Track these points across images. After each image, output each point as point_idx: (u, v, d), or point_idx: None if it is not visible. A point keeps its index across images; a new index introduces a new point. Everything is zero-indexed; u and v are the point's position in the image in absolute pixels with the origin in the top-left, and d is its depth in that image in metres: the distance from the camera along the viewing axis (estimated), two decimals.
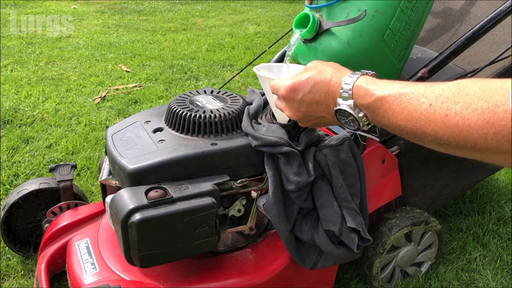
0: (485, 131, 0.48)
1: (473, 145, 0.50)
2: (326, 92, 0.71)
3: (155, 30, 4.67)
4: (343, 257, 1.12)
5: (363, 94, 0.64)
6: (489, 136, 0.48)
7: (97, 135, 2.33)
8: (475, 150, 0.51)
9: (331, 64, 0.74)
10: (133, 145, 1.10)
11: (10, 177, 1.91)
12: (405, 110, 0.58)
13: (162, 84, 3.11)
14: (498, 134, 0.47)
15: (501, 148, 0.47)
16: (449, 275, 1.51)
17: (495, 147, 0.48)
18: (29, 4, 5.38)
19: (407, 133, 0.59)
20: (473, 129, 0.49)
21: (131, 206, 0.92)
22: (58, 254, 1.28)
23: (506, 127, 0.46)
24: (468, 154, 0.53)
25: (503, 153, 0.48)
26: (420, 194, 1.47)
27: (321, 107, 0.73)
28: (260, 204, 1.12)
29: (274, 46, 3.63)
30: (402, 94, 0.59)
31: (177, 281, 1.09)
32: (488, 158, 0.51)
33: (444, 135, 0.53)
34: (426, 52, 1.52)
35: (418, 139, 0.58)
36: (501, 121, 0.47)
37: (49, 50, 3.74)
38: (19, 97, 2.73)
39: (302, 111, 0.77)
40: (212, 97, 1.24)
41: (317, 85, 0.72)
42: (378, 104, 0.62)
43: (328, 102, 0.71)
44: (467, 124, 0.50)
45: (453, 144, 0.53)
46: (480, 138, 0.49)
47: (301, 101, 0.75)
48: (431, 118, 0.54)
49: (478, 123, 0.49)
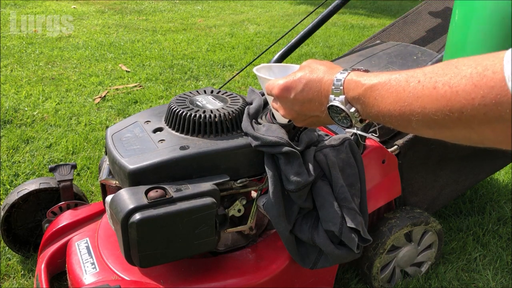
0: (472, 95, 0.47)
1: (459, 115, 0.48)
2: (319, 90, 0.71)
3: (155, 30, 4.67)
4: (343, 257, 1.12)
5: (353, 86, 0.64)
6: (476, 101, 0.46)
7: (97, 135, 2.33)
8: (461, 122, 0.49)
9: (324, 63, 0.75)
10: (133, 145, 1.10)
11: (10, 177, 1.91)
12: (393, 93, 0.57)
13: (162, 84, 3.11)
14: (485, 97, 0.45)
15: (488, 114, 0.46)
16: (449, 275, 1.51)
17: (482, 114, 0.46)
18: (29, 4, 5.38)
19: (395, 118, 0.58)
20: (460, 96, 0.48)
21: (131, 206, 0.92)
22: (58, 254, 1.28)
23: (494, 88, 0.45)
24: (455, 133, 0.52)
25: (490, 123, 0.46)
26: (420, 194, 1.47)
27: (314, 105, 0.73)
28: (260, 204, 1.12)
29: (274, 46, 3.63)
30: (392, 79, 0.58)
31: (177, 281, 1.09)
32: (475, 133, 0.49)
33: (432, 110, 0.52)
34: (426, 52, 1.52)
35: (406, 123, 0.57)
36: (489, 82, 0.45)
37: (49, 50, 3.74)
38: (19, 97, 2.73)
39: (296, 110, 0.77)
40: (212, 97, 1.24)
41: (309, 83, 0.72)
42: (368, 93, 0.62)
43: (321, 100, 0.71)
44: (455, 92, 0.49)
45: (439, 119, 0.51)
46: (467, 105, 0.47)
47: (294, 100, 0.75)
48: (419, 94, 0.53)
49: (466, 89, 0.47)
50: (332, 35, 4.74)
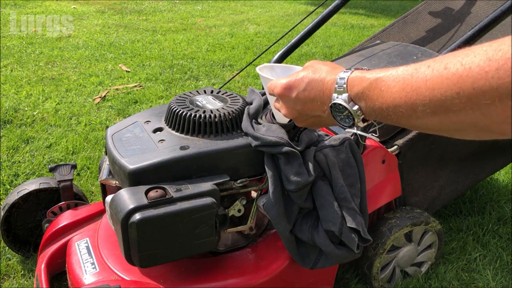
0: (486, 69, 0.46)
1: (470, 92, 0.48)
2: (321, 89, 0.71)
3: (155, 30, 4.67)
4: (343, 257, 1.12)
5: (358, 82, 0.64)
6: (490, 74, 0.46)
7: (97, 135, 2.33)
8: (470, 101, 0.48)
9: (327, 64, 0.75)
10: (133, 145, 1.10)
11: (10, 177, 1.91)
12: (400, 81, 0.57)
13: (162, 84, 3.11)
14: (500, 69, 0.45)
15: (501, 87, 0.45)
16: (449, 275, 1.51)
17: (495, 88, 0.46)
18: (29, 4, 5.38)
19: (400, 108, 0.58)
20: (473, 71, 0.47)
21: (131, 206, 0.92)
22: (58, 254, 1.28)
23: (510, 59, 0.44)
24: (461, 118, 0.51)
25: (501, 99, 0.46)
26: (420, 194, 1.47)
27: (316, 105, 0.73)
28: (260, 204, 1.12)
29: (274, 46, 3.63)
30: (399, 70, 0.58)
31: (177, 281, 1.09)
32: (483, 115, 0.49)
33: (441, 90, 0.51)
34: (426, 52, 1.52)
35: (411, 111, 0.56)
36: (505, 54, 0.45)
37: (49, 50, 3.74)
38: (19, 97, 2.73)
39: (298, 109, 0.77)
40: (212, 97, 1.24)
41: (311, 83, 0.72)
42: (374, 85, 0.61)
43: (323, 99, 0.71)
44: (468, 68, 0.48)
45: (447, 101, 0.51)
46: (480, 79, 0.47)
47: (296, 99, 0.75)
48: (428, 76, 0.53)
49: (480, 63, 0.47)
50: (332, 35, 4.74)
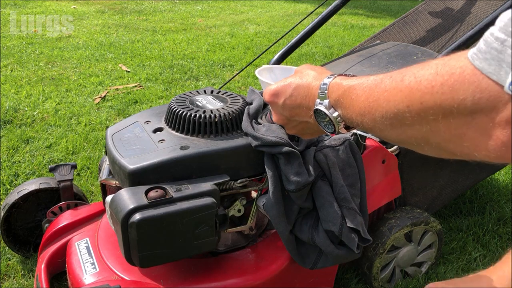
0: (433, 83, 0.47)
1: (419, 106, 0.48)
2: (307, 95, 0.71)
3: (155, 30, 4.67)
4: (343, 257, 1.12)
5: (336, 89, 0.65)
6: (435, 89, 0.46)
7: (97, 135, 2.33)
8: (420, 116, 0.49)
9: (316, 68, 0.74)
10: (133, 145, 1.10)
11: (10, 177, 1.91)
12: (367, 91, 0.58)
13: (162, 84, 3.11)
14: (444, 84, 0.45)
15: (444, 103, 0.46)
16: (449, 275, 1.51)
17: (439, 104, 0.46)
18: (29, 4, 5.38)
19: (364, 117, 0.58)
20: (422, 85, 0.48)
21: (131, 206, 0.92)
22: (58, 254, 1.28)
23: (454, 75, 0.45)
24: (415, 133, 0.51)
25: (445, 116, 0.46)
26: (420, 194, 1.47)
27: (303, 110, 0.72)
28: (260, 204, 1.12)
29: (274, 46, 3.63)
30: (370, 79, 0.59)
31: (177, 281, 1.09)
32: (431, 132, 0.49)
33: (395, 102, 0.52)
34: (426, 52, 1.52)
35: (372, 122, 0.57)
36: (451, 70, 0.45)
37: (49, 50, 3.74)
38: (19, 97, 2.73)
39: (286, 115, 0.77)
40: (212, 97, 1.24)
41: (298, 88, 0.72)
42: (346, 94, 0.62)
43: (309, 105, 0.70)
44: (418, 81, 0.49)
45: (401, 113, 0.51)
46: (426, 94, 0.47)
47: (284, 105, 0.75)
48: (387, 87, 0.54)
49: (429, 78, 0.47)
50: (332, 35, 4.74)
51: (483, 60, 0.43)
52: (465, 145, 0.47)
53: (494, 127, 0.43)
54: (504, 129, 0.42)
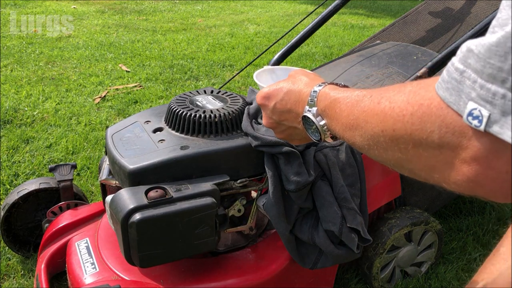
0: (404, 112, 0.47)
1: (391, 133, 0.48)
2: (297, 100, 0.71)
3: (155, 30, 4.67)
4: (343, 257, 1.12)
5: (323, 98, 0.65)
6: (406, 118, 0.46)
7: (97, 135, 2.33)
8: (393, 142, 0.49)
9: (309, 74, 0.75)
10: (133, 145, 1.10)
11: (10, 177, 1.91)
12: (350, 107, 0.58)
13: (162, 84, 3.11)
14: (413, 115, 0.45)
15: (414, 134, 0.45)
16: (449, 275, 1.51)
17: (409, 134, 0.46)
18: (29, 4, 5.38)
19: (346, 133, 0.59)
20: (394, 112, 0.48)
21: (131, 206, 0.92)
22: (58, 254, 1.28)
23: (422, 106, 0.45)
24: (392, 156, 0.51)
25: (416, 146, 0.46)
26: (420, 194, 1.47)
27: (292, 116, 0.73)
28: (260, 204, 1.12)
29: (274, 46, 3.63)
30: (354, 94, 0.59)
31: (177, 281, 1.09)
32: (406, 160, 0.49)
33: (371, 124, 0.52)
34: (426, 52, 1.52)
35: (353, 139, 0.57)
36: (420, 100, 0.45)
37: (49, 50, 3.74)
38: (19, 97, 2.73)
39: (275, 119, 0.77)
40: (212, 97, 1.24)
41: (289, 93, 0.73)
42: (332, 105, 0.62)
43: (298, 110, 0.71)
44: (392, 107, 0.49)
45: (376, 136, 0.51)
46: (398, 122, 0.47)
47: (274, 109, 0.76)
48: (365, 108, 0.54)
49: (401, 105, 0.48)
50: (332, 35, 4.74)
51: (445, 89, 0.43)
52: (436, 176, 0.47)
53: (460, 163, 0.43)
54: (469, 165, 0.42)
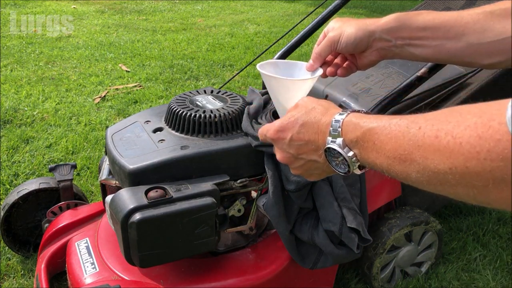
0: (477, 149, 0.42)
1: (463, 170, 0.44)
2: (316, 131, 0.66)
3: (155, 30, 4.67)
4: (343, 257, 1.12)
5: (352, 128, 0.61)
6: (482, 155, 0.42)
7: (97, 135, 2.33)
8: (465, 179, 0.45)
9: (322, 103, 0.70)
10: (133, 145, 1.10)
11: (10, 177, 1.91)
12: (393, 139, 0.54)
13: (162, 84, 3.11)
14: (491, 151, 0.41)
15: (495, 172, 0.42)
16: (449, 275, 1.51)
17: (488, 171, 0.42)
18: (29, 4, 5.38)
19: (395, 167, 0.54)
20: (464, 149, 0.44)
21: (131, 206, 0.92)
22: (58, 254, 1.28)
23: (501, 141, 0.40)
24: (458, 192, 0.48)
25: (496, 183, 0.42)
26: (420, 194, 1.47)
27: (311, 148, 0.68)
28: (260, 204, 1.12)
29: (274, 46, 3.63)
30: (392, 124, 0.55)
31: (177, 281, 1.09)
32: (480, 195, 0.45)
33: (434, 161, 0.48)
34: None
35: (405, 174, 0.53)
36: (495, 135, 0.41)
37: (49, 50, 3.74)
38: (19, 97, 2.73)
39: (292, 153, 0.71)
40: (212, 97, 1.24)
41: (306, 124, 0.68)
42: (367, 137, 0.58)
43: (318, 142, 0.66)
44: (458, 143, 0.44)
45: (441, 173, 0.47)
46: (472, 159, 0.43)
47: (290, 142, 0.70)
48: (419, 142, 0.49)
49: (470, 141, 0.43)
50: None
51: None
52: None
53: None
54: None
